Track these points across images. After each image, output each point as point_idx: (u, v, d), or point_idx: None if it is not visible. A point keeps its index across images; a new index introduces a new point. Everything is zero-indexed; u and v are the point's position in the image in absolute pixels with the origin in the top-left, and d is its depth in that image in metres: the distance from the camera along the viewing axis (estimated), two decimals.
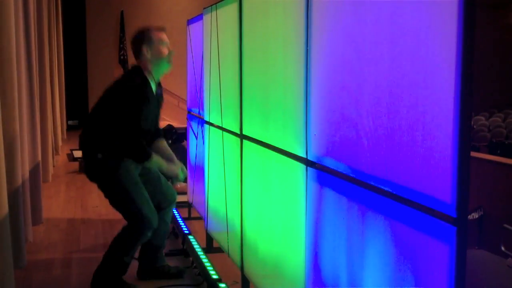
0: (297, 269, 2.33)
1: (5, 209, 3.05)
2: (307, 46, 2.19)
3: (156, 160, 3.17)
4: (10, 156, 3.55)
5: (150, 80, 3.17)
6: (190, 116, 4.75)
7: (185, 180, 3.48)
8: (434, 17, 1.44)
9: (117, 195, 3.14)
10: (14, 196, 3.60)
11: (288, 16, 2.43)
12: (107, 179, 3.13)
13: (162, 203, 3.35)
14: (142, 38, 3.19)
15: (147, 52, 3.16)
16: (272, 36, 2.63)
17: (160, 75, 3.25)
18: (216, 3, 3.62)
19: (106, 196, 3.20)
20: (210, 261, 3.37)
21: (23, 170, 3.96)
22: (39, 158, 5.00)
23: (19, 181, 3.74)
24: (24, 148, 4.03)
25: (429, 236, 1.48)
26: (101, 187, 3.19)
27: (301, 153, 2.26)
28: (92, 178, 3.20)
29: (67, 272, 3.69)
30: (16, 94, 3.64)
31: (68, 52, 11.35)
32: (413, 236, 1.55)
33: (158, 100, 3.27)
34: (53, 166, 7.44)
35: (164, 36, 3.22)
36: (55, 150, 8.09)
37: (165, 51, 3.20)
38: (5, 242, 3.03)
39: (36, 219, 4.64)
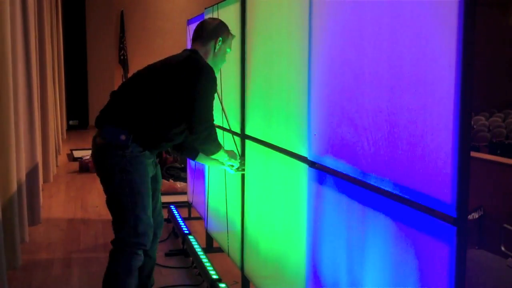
0: (298, 269, 2.33)
1: None
2: (309, 46, 2.19)
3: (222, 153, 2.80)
4: (4, 156, 3.55)
5: None
6: None
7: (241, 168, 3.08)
8: (435, 17, 1.44)
9: (121, 191, 2.51)
10: (8, 196, 3.59)
11: (291, 16, 2.43)
12: (116, 168, 2.50)
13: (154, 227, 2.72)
14: (222, 31, 2.77)
15: (213, 46, 2.74)
16: (275, 36, 2.63)
17: None
18: (217, 3, 3.62)
19: (106, 190, 2.58)
20: (210, 261, 3.37)
21: (19, 170, 3.95)
22: (38, 158, 4.98)
23: (14, 181, 3.72)
24: (20, 148, 4.01)
25: (429, 236, 1.48)
26: (105, 177, 2.56)
27: (303, 153, 2.26)
28: (98, 164, 2.58)
29: (67, 272, 3.69)
30: (11, 95, 3.62)
31: (68, 52, 11.34)
32: (413, 236, 1.55)
33: None
34: (57, 166, 7.45)
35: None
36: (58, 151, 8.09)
37: (224, 58, 2.84)
38: None
39: (35, 219, 4.63)
